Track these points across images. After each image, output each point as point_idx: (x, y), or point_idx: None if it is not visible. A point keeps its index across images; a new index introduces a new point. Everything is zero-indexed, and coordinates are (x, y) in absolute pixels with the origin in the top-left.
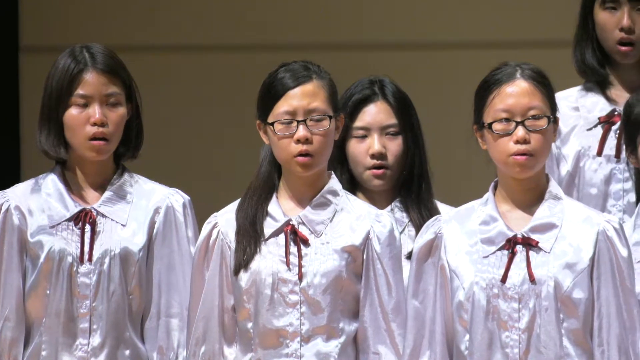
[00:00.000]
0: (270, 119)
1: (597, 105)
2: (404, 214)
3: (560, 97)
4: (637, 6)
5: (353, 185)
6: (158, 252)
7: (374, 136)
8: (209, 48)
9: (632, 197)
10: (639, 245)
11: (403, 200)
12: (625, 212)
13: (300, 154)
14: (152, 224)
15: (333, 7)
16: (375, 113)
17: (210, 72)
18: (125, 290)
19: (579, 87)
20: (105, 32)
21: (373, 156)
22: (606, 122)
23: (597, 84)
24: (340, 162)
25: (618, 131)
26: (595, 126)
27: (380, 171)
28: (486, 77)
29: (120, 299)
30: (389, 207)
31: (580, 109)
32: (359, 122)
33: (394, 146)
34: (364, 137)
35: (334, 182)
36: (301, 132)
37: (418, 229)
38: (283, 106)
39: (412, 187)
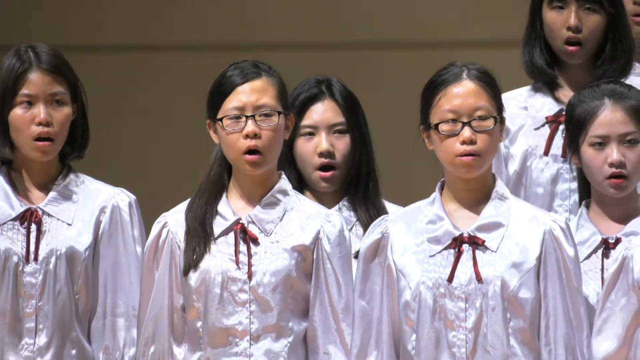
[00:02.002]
0: (219, 115)
1: (545, 105)
2: (352, 213)
3: (510, 96)
4: (585, 5)
5: (301, 184)
6: (104, 252)
7: (322, 134)
8: (156, 48)
9: (578, 197)
10: (582, 244)
11: (351, 199)
12: (572, 211)
13: (249, 151)
14: (98, 223)
15: (280, 8)
16: (322, 111)
17: (159, 72)
18: (72, 290)
19: (528, 87)
20: (51, 32)
21: (321, 154)
22: (553, 121)
23: (546, 84)
24: (288, 161)
25: (565, 131)
26: (542, 126)
27: (328, 173)
28: (433, 78)
29: (66, 298)
30: (336, 206)
31: (529, 108)
32: (307, 120)
33: (342, 145)
34: (312, 135)
35: (284, 182)
36: (250, 127)
37: (366, 227)
38: (232, 102)
39: (359, 186)
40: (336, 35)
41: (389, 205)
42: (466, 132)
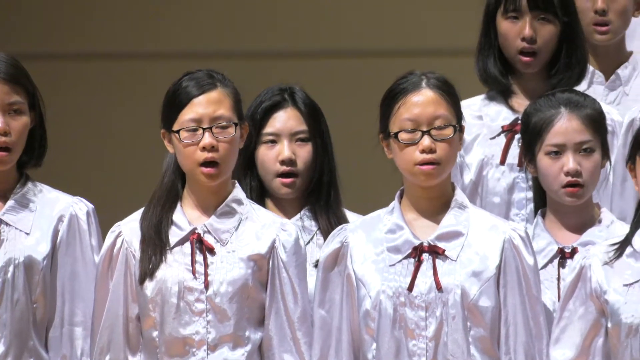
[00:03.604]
0: (175, 127)
1: (500, 114)
2: (313, 222)
3: (464, 105)
4: (539, 16)
5: (262, 192)
6: (62, 261)
7: (284, 142)
8: (113, 56)
9: (534, 206)
10: (539, 254)
11: (312, 208)
12: (528, 221)
13: (206, 163)
14: (55, 232)
15: (240, 16)
16: (285, 119)
17: (114, 80)
18: (30, 299)
19: (482, 96)
20: (7, 40)
21: (283, 162)
22: (509, 130)
23: (500, 93)
24: (249, 170)
25: (521, 140)
26: (498, 135)
27: (289, 180)
28: (392, 86)
29: (24, 307)
30: (297, 215)
31: (484, 117)
32: (269, 128)
33: (304, 153)
34: (274, 142)
35: (238, 191)
36: (207, 139)
37: (327, 236)
38: (188, 114)
39: (321, 195)
40: (297, 44)
41: (349, 214)
42: (425, 141)
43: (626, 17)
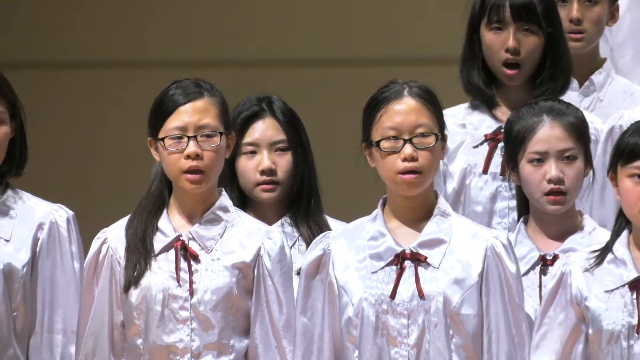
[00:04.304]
0: (160, 135)
1: (483, 122)
2: (294, 230)
3: (448, 114)
4: (524, 27)
5: (243, 202)
6: (42, 268)
7: (264, 152)
8: (94, 64)
9: (517, 214)
10: (520, 261)
11: (293, 216)
12: (511, 229)
13: (190, 171)
14: (35, 239)
15: (221, 25)
16: (264, 129)
17: (96, 89)
18: (10, 307)
19: (466, 105)
20: None
21: (263, 172)
22: (492, 139)
23: (484, 102)
24: (230, 179)
25: (504, 149)
26: (481, 143)
27: (270, 186)
28: (374, 95)
29: (4, 315)
30: (279, 223)
31: (467, 126)
32: (248, 138)
33: (284, 162)
34: (254, 153)
35: (225, 199)
36: (191, 147)
37: (308, 244)
38: (174, 122)
39: (301, 203)
40: (276, 53)
41: (331, 222)
42: (407, 149)
43: (600, 26)
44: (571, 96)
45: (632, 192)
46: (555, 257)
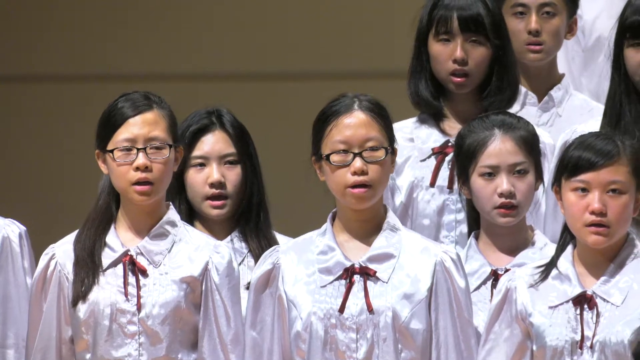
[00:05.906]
0: (109, 147)
1: (431, 136)
2: (243, 244)
3: (396, 128)
4: (471, 38)
5: (191, 215)
6: None
7: (213, 165)
8: (47, 78)
9: (464, 228)
10: (472, 276)
11: (242, 230)
12: (458, 243)
13: (139, 182)
14: None
15: (169, 38)
16: (213, 142)
17: (49, 103)
18: None
19: (414, 119)
20: None
21: (212, 185)
22: (439, 153)
23: (432, 116)
24: (178, 193)
25: (451, 162)
26: (428, 157)
27: (219, 202)
28: (324, 109)
29: None
30: (228, 237)
31: (415, 140)
32: (197, 151)
33: (233, 175)
34: (202, 165)
35: (172, 213)
36: (141, 159)
37: (257, 258)
38: (123, 134)
39: (250, 217)
40: (224, 66)
41: (279, 237)
42: (357, 163)
43: (559, 38)
44: (530, 111)
45: (575, 205)
46: (507, 272)
